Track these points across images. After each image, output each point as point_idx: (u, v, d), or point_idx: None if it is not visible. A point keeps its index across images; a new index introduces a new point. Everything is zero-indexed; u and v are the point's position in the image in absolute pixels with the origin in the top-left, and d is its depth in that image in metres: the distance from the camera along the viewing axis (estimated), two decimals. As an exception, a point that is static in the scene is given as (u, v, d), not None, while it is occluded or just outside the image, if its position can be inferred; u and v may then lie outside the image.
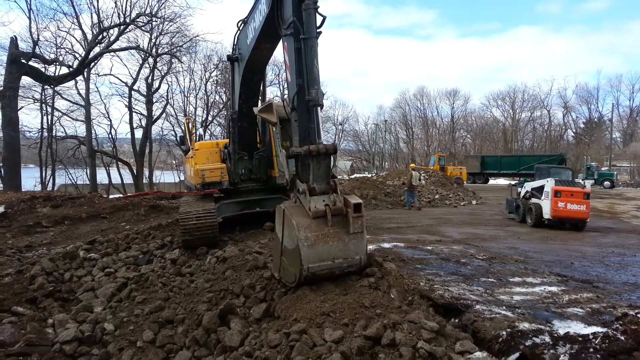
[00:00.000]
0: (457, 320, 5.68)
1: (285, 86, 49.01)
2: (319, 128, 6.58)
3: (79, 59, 32.49)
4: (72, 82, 34.35)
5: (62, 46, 32.54)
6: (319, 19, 6.64)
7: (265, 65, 9.91)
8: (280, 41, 7.50)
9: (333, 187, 6.42)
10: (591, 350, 4.66)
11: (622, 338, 4.80)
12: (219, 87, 44.82)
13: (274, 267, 7.01)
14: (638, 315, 5.40)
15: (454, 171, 42.20)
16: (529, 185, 16.52)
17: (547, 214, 14.87)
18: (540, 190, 15.54)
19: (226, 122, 14.18)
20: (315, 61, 6.58)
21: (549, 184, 14.99)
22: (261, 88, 10.75)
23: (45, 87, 32.67)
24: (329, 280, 6.32)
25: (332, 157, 6.59)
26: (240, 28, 9.15)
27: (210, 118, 46.25)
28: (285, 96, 7.35)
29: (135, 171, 39.61)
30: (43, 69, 31.50)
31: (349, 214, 6.18)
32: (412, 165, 22.83)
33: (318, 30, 6.63)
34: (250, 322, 6.29)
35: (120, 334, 6.86)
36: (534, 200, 15.81)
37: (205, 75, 46.19)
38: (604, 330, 5.06)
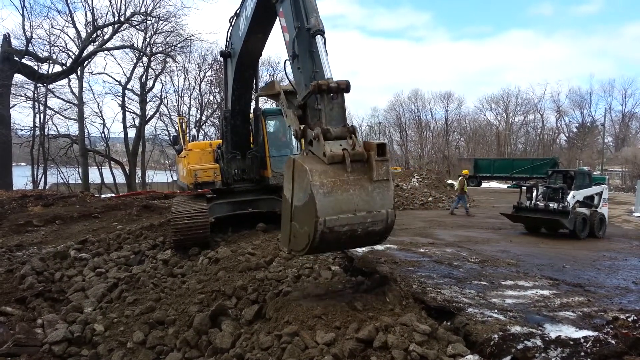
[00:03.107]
0: (449, 323, 5.69)
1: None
2: (326, 63, 5.71)
3: (73, 57, 32.27)
4: (65, 81, 34.13)
5: (55, 44, 32.29)
6: None
7: (257, 58, 9.89)
8: (272, 30, 7.33)
9: (350, 129, 5.54)
10: (582, 354, 4.67)
11: (613, 342, 4.82)
12: (213, 87, 44.62)
13: (282, 240, 6.18)
14: (629, 319, 5.43)
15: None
16: (583, 193, 14.44)
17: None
18: (591, 198, 14.62)
19: (220, 121, 14.11)
20: None
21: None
22: (254, 85, 10.69)
23: (38, 85, 32.42)
24: (347, 245, 5.27)
25: (344, 97, 5.68)
26: (232, 23, 9.20)
27: (204, 118, 46.12)
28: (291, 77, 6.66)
29: (127, 171, 39.36)
30: (36, 67, 31.27)
31: (371, 157, 5.30)
32: (465, 171, 22.49)
33: None
34: (242, 323, 6.27)
35: (110, 334, 6.82)
36: (585, 210, 14.33)
37: (199, 75, 46.00)
38: (595, 334, 5.09)
